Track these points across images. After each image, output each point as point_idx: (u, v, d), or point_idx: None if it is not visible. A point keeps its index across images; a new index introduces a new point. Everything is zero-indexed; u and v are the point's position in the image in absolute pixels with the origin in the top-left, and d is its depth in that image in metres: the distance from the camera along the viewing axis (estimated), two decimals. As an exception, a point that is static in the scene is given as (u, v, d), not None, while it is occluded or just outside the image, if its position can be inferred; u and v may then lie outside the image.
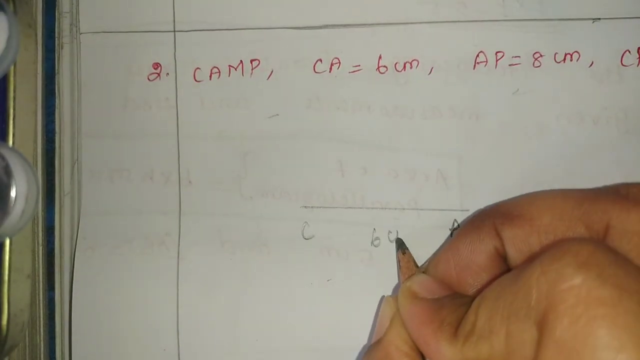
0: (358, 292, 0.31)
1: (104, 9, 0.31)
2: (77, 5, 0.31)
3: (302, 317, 0.31)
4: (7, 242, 0.29)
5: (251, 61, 0.31)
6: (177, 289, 0.31)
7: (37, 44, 0.31)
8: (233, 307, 0.31)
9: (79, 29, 0.32)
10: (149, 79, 0.31)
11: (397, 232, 0.30)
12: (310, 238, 0.31)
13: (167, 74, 0.31)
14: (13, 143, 0.29)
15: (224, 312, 0.31)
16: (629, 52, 0.29)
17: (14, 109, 0.29)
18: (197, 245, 0.31)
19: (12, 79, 0.29)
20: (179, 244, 0.31)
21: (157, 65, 0.31)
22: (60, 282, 0.32)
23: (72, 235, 0.32)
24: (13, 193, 0.26)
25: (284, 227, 0.31)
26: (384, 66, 0.30)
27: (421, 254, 0.30)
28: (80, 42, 0.32)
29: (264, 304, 0.31)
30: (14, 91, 0.29)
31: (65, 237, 0.32)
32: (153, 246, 0.31)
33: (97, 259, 0.31)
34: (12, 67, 0.29)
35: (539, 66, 0.30)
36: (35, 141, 0.31)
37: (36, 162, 0.31)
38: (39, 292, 0.31)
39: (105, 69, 0.32)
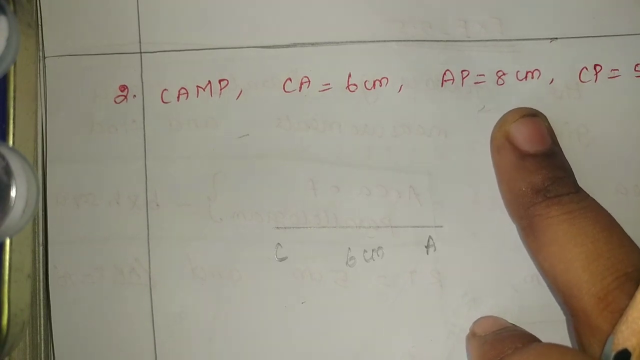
0: (333, 314, 0.30)
1: (68, 31, 0.31)
2: (41, 28, 0.31)
3: (276, 341, 0.30)
4: (7, 242, 0.28)
5: (219, 81, 0.31)
6: (152, 316, 0.30)
7: (37, 44, 0.30)
8: (208, 333, 0.30)
9: (44, 52, 0.31)
10: (115, 101, 0.31)
11: (373, 251, 0.30)
12: (283, 260, 0.30)
13: (134, 96, 0.31)
14: (13, 143, 0.29)
15: (199, 338, 0.30)
16: (586, 69, 0.30)
17: (14, 109, 0.29)
18: (168, 271, 0.30)
19: (12, 79, 0.29)
20: (149, 271, 0.30)
21: (123, 88, 0.31)
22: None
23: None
24: (13, 193, 0.25)
25: (255, 249, 0.30)
26: (354, 84, 0.31)
27: (398, 272, 0.30)
28: (45, 66, 0.31)
29: (238, 328, 0.30)
30: (14, 91, 0.29)
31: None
32: (124, 273, 0.30)
33: (71, 288, 0.30)
34: (12, 67, 0.29)
35: (502, 84, 0.31)
36: (35, 141, 0.30)
37: (36, 162, 0.30)
38: (39, 292, 0.30)
39: (70, 92, 0.31)
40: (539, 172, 0.27)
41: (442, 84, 0.30)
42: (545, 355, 0.25)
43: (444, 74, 0.31)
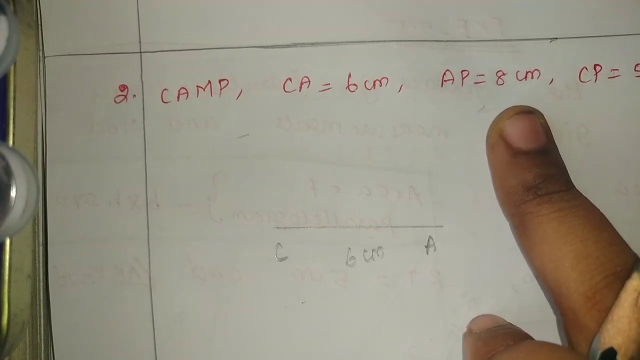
0: (333, 314, 0.30)
1: (68, 31, 0.31)
2: (41, 28, 0.31)
3: (276, 341, 0.30)
4: (7, 242, 0.28)
5: (219, 81, 0.31)
6: (152, 316, 0.30)
7: (37, 43, 0.30)
8: (208, 333, 0.30)
9: (43, 52, 0.31)
10: (115, 101, 0.31)
11: (373, 251, 0.30)
12: (283, 260, 0.30)
13: (134, 95, 0.31)
14: (13, 143, 0.29)
15: (199, 338, 0.30)
16: (586, 69, 0.30)
17: (14, 109, 0.29)
18: (168, 271, 0.30)
19: (12, 79, 0.29)
20: (149, 271, 0.30)
21: (123, 87, 0.31)
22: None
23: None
24: (13, 193, 0.25)
25: (255, 249, 0.30)
26: (354, 84, 0.31)
27: (398, 272, 0.30)
28: (44, 66, 0.31)
29: (238, 328, 0.30)
30: (14, 91, 0.29)
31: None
32: (124, 274, 0.30)
33: (71, 288, 0.30)
34: (12, 67, 0.29)
35: (502, 84, 0.31)
36: (35, 141, 0.30)
37: (36, 162, 0.30)
38: (39, 292, 0.30)
39: (70, 92, 0.31)
40: (530, 170, 0.27)
41: (442, 84, 0.31)
42: (535, 353, 0.25)
43: (444, 74, 0.31)
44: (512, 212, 0.28)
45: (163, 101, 0.31)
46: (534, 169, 0.27)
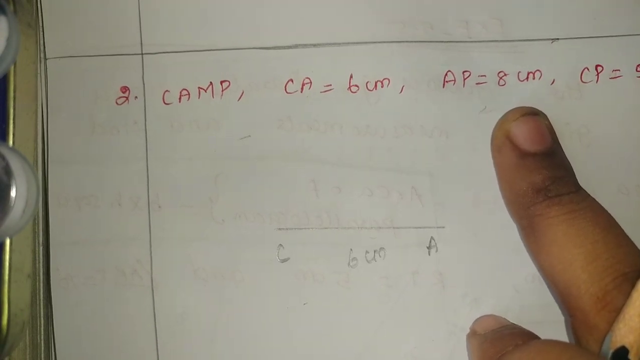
0: (335, 315, 0.30)
1: (69, 33, 0.31)
2: (42, 30, 0.31)
3: (278, 342, 0.30)
4: (7, 242, 0.28)
5: (221, 82, 0.31)
6: (154, 318, 0.30)
7: (37, 44, 0.30)
8: (210, 334, 0.30)
9: (45, 54, 0.31)
10: (117, 102, 0.31)
11: (375, 252, 0.30)
12: (285, 261, 0.30)
13: (136, 97, 0.31)
14: (13, 143, 0.29)
15: (201, 339, 0.30)
16: (588, 69, 0.30)
17: (14, 109, 0.29)
18: (170, 272, 0.30)
19: (12, 79, 0.29)
20: (151, 272, 0.30)
21: (125, 89, 0.31)
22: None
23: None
24: (13, 193, 0.25)
25: (257, 250, 0.30)
26: (356, 85, 0.31)
27: (399, 273, 0.30)
28: (46, 68, 0.31)
29: (240, 330, 0.30)
30: (14, 91, 0.29)
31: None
32: (125, 275, 0.30)
33: (73, 290, 0.30)
34: (12, 67, 0.29)
35: (503, 85, 0.31)
36: (35, 141, 0.30)
37: (36, 162, 0.30)
38: (39, 292, 0.30)
39: (72, 94, 0.31)
40: (539, 172, 0.28)
41: (444, 84, 0.31)
42: (545, 351, 0.25)
43: (446, 74, 0.31)
44: (520, 214, 0.28)
45: (164, 102, 0.31)
46: (542, 171, 0.28)
